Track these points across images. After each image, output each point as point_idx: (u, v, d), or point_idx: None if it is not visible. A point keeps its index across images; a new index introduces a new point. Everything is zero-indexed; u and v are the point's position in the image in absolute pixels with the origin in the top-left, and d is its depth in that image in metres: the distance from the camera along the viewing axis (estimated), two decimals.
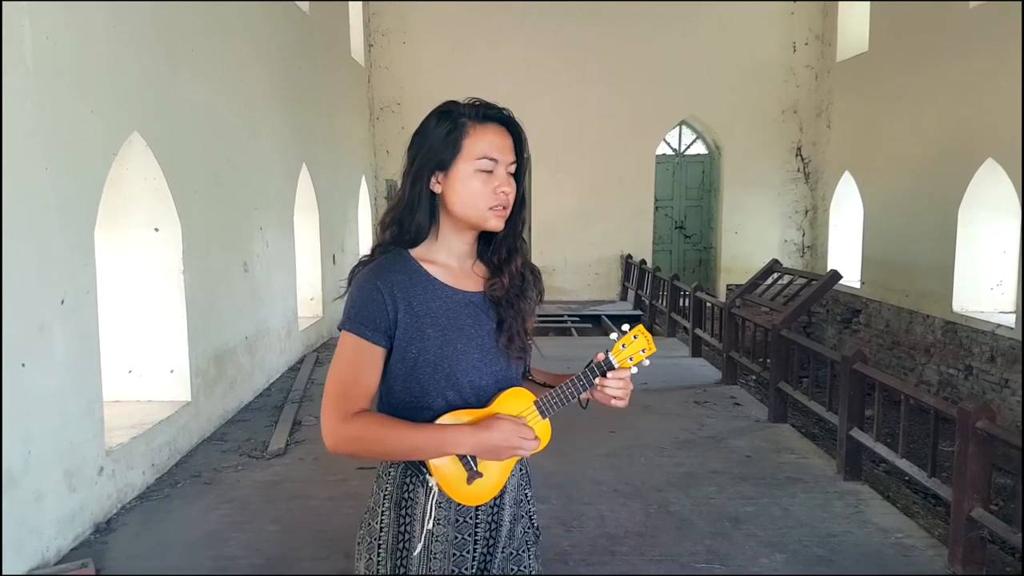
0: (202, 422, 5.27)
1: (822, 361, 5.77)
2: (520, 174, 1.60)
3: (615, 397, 1.58)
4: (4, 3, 3.24)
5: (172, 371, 5.00)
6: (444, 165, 1.53)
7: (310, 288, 8.53)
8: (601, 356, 1.59)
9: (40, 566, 3.41)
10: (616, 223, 12.50)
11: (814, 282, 7.04)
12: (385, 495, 1.59)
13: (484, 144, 1.53)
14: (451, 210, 1.56)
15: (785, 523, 3.98)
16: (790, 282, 7.56)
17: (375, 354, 1.52)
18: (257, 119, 6.65)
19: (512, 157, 1.57)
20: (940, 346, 8.34)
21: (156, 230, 4.87)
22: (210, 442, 5.27)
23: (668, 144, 12.98)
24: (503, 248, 1.61)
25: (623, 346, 1.58)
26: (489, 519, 1.61)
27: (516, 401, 1.57)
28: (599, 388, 1.59)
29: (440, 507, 1.56)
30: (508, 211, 1.57)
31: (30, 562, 3.38)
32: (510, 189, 1.56)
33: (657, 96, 12.17)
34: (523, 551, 1.69)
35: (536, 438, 1.54)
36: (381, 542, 1.58)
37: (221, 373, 5.65)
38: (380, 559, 1.58)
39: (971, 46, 7.94)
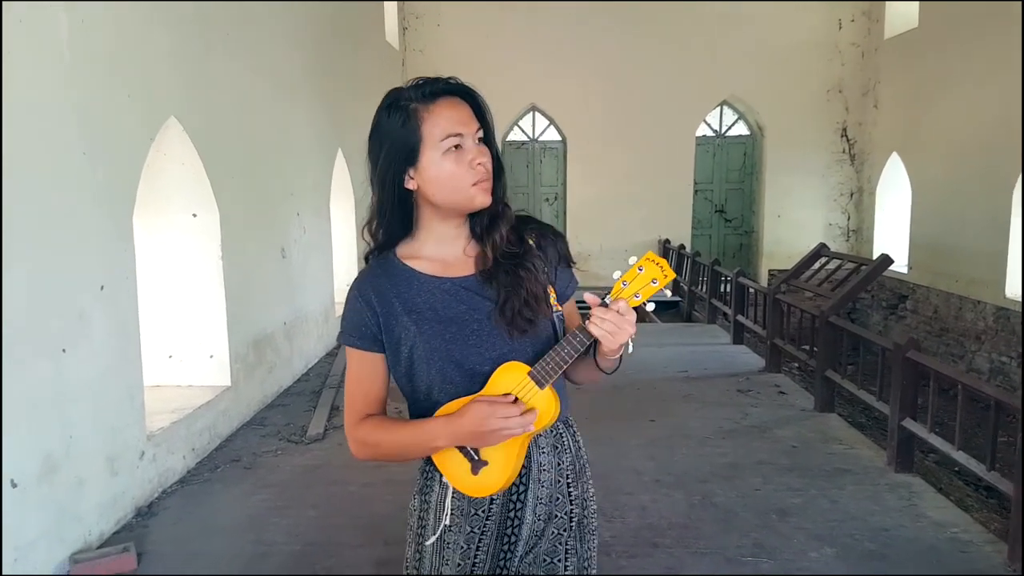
0: (241, 407, 5.29)
1: (869, 349, 5.60)
2: (490, 139, 1.47)
3: (609, 333, 1.35)
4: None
5: (212, 356, 5.01)
6: (412, 159, 1.43)
7: (347, 274, 8.51)
8: (596, 301, 1.39)
9: (82, 550, 3.43)
10: (654, 208, 12.27)
11: (864, 267, 6.82)
12: (415, 481, 1.62)
13: (443, 122, 1.41)
14: (433, 201, 1.45)
15: (834, 516, 3.85)
16: (838, 267, 7.35)
17: (371, 361, 1.51)
18: (293, 103, 6.62)
19: (476, 124, 1.44)
20: (991, 333, 8.06)
21: (194, 215, 4.87)
22: (249, 427, 5.29)
23: (708, 125, 12.69)
24: (485, 216, 1.48)
25: (624, 283, 1.36)
26: (506, 512, 1.52)
27: (509, 376, 1.42)
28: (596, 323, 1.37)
29: (455, 499, 1.52)
30: (491, 182, 1.45)
31: (72, 547, 3.40)
32: (485, 158, 1.43)
33: (697, 76, 11.90)
34: (558, 559, 1.56)
35: (528, 411, 1.39)
36: (409, 527, 1.63)
37: (260, 358, 5.66)
38: (408, 542, 1.63)
39: None
